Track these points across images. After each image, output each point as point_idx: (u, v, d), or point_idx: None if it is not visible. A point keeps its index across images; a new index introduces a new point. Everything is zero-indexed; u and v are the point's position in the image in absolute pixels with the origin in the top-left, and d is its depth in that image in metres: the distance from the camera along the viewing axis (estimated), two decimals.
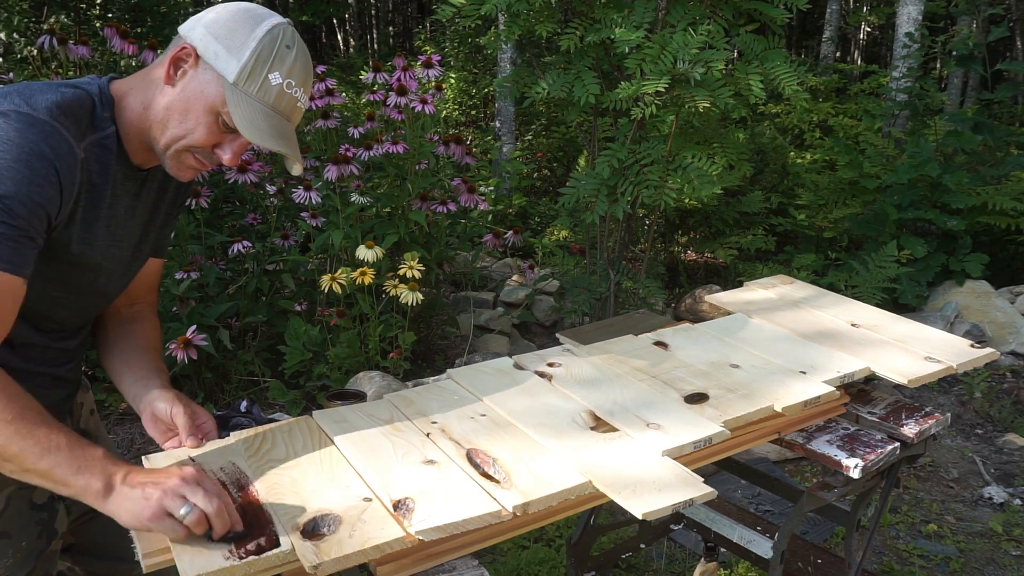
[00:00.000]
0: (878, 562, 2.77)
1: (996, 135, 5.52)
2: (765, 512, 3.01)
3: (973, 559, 2.83)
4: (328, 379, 3.43)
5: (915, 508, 3.14)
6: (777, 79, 3.18)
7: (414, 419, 1.50)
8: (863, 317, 2.06)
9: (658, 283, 4.10)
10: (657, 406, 1.56)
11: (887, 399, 1.85)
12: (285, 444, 1.40)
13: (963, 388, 4.10)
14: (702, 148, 3.87)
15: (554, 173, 7.90)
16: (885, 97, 6.94)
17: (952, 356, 1.85)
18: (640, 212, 3.88)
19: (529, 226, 6.27)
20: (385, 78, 3.75)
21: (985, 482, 3.34)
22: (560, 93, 3.33)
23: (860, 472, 1.62)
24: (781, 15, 3.32)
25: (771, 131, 7.03)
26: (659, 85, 3.01)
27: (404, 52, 4.11)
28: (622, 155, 3.39)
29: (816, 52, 11.39)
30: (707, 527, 2.08)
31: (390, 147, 3.57)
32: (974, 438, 3.74)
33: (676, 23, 3.30)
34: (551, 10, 3.58)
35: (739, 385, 1.66)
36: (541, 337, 4.51)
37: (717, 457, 1.56)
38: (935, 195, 5.17)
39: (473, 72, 9.20)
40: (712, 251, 5.82)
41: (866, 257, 4.86)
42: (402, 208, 3.64)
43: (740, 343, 1.88)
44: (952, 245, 5.13)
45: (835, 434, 1.72)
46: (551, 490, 1.27)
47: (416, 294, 3.24)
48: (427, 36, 10.53)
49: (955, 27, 7.91)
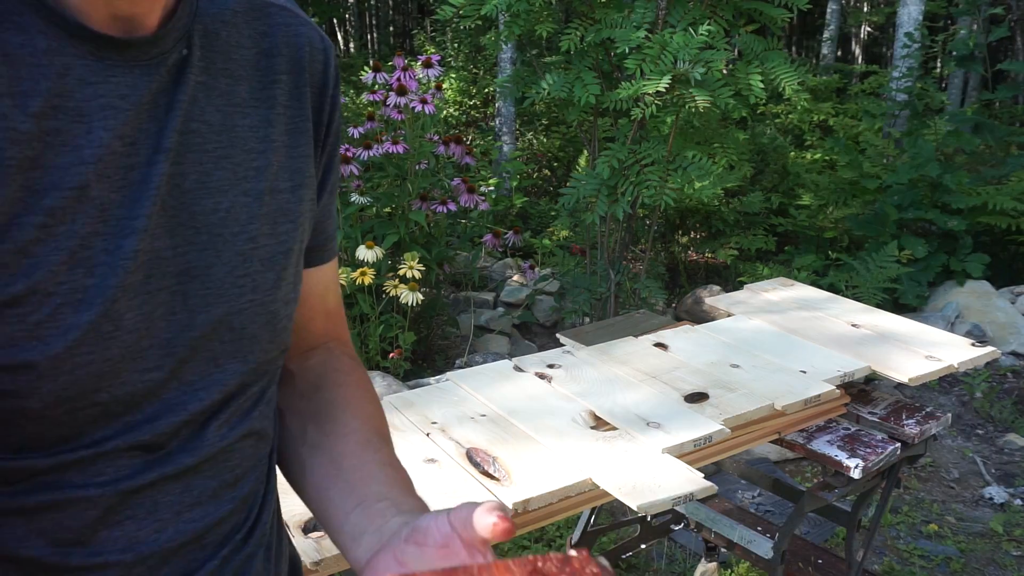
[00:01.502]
0: (879, 562, 2.76)
1: (996, 135, 5.52)
2: (766, 512, 3.01)
3: (974, 559, 2.83)
4: None
5: (916, 508, 3.13)
6: (777, 79, 3.18)
7: (414, 419, 1.49)
8: (863, 318, 2.06)
9: (658, 283, 4.10)
10: (657, 405, 1.56)
11: (888, 399, 1.85)
12: None
13: (964, 388, 4.10)
14: (702, 148, 3.87)
15: (554, 173, 7.90)
16: (885, 97, 6.94)
17: (953, 355, 1.85)
18: (640, 212, 3.88)
19: (529, 226, 6.26)
20: (385, 78, 3.75)
21: (986, 482, 3.34)
22: (560, 93, 3.33)
23: (861, 472, 1.62)
24: (781, 15, 3.32)
25: (771, 131, 7.03)
26: (659, 85, 3.01)
27: (404, 52, 4.11)
28: (622, 155, 3.39)
29: (816, 52, 11.39)
30: (708, 527, 2.08)
31: (390, 147, 3.57)
32: (975, 438, 3.73)
33: (676, 23, 3.30)
34: (551, 10, 3.58)
35: (739, 384, 1.66)
36: (541, 337, 4.51)
37: (718, 457, 1.55)
38: (936, 195, 5.17)
39: (473, 72, 9.20)
40: (712, 251, 5.81)
41: (867, 257, 4.85)
42: (402, 208, 3.64)
43: (740, 344, 1.88)
44: (953, 245, 5.13)
45: (836, 434, 1.72)
46: (551, 487, 1.27)
47: (416, 294, 3.24)
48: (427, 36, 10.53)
49: (955, 27, 7.91)
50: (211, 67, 0.64)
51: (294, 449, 0.76)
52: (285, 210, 0.69)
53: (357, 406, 0.77)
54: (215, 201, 0.64)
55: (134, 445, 0.61)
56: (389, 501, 0.66)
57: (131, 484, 0.62)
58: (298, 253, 0.71)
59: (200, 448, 0.65)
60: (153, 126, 0.60)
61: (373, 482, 0.69)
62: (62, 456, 0.59)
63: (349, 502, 0.68)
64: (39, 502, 0.59)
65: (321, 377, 0.79)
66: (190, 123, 0.62)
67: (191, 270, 0.62)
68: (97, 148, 0.57)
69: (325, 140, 0.74)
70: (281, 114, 0.69)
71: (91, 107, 0.57)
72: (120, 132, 0.58)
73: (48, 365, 0.55)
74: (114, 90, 0.58)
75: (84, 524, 0.60)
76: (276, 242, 0.68)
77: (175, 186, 0.61)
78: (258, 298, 0.66)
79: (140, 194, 0.59)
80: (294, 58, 0.70)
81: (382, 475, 0.70)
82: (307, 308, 0.79)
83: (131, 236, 0.58)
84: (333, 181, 0.77)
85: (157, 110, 0.60)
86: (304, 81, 0.71)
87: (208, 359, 0.64)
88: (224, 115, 0.65)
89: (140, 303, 0.59)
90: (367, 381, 0.81)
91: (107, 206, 0.57)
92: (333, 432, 0.74)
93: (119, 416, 0.60)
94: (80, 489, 0.60)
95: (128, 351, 0.59)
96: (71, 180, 0.55)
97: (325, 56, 0.73)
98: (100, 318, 0.57)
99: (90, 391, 0.58)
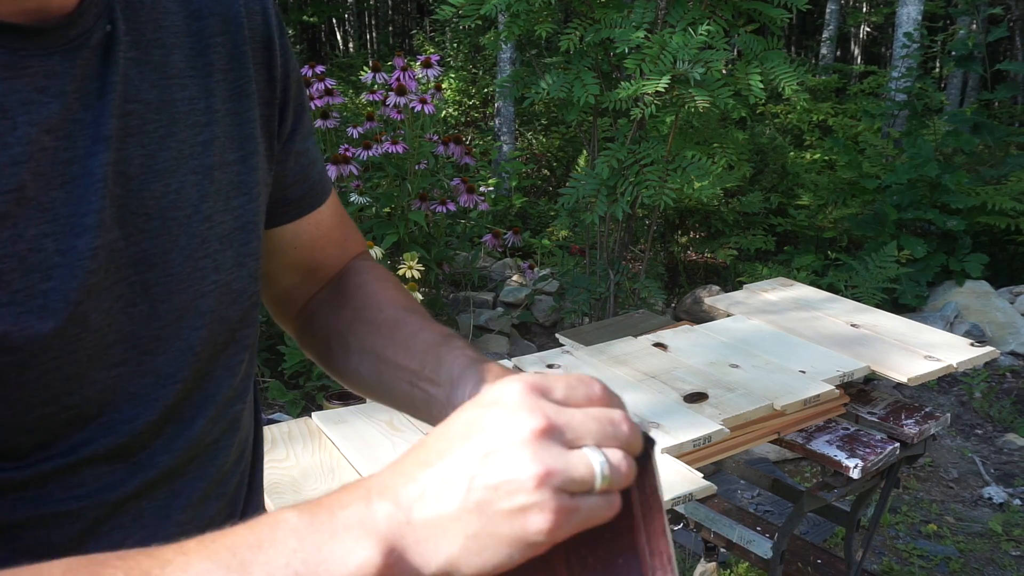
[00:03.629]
0: (878, 562, 2.76)
1: (996, 135, 5.52)
2: (765, 512, 3.01)
3: (973, 559, 2.83)
4: (328, 379, 3.43)
5: (915, 508, 3.14)
6: (777, 79, 3.18)
7: (413, 419, 1.50)
8: (863, 318, 2.06)
9: (658, 283, 4.10)
10: (657, 405, 1.56)
11: (887, 399, 1.85)
12: (285, 444, 1.40)
13: (963, 388, 4.10)
14: (702, 148, 3.87)
15: (554, 173, 7.90)
16: (885, 97, 6.94)
17: (952, 355, 1.85)
18: (640, 212, 3.88)
19: (529, 226, 6.26)
20: (384, 78, 3.75)
21: (985, 482, 3.34)
22: (560, 93, 3.33)
23: (860, 472, 1.62)
24: (781, 15, 3.32)
25: (771, 131, 7.03)
26: (659, 85, 3.01)
27: (403, 52, 4.11)
28: (622, 155, 3.39)
29: (815, 52, 11.39)
30: (707, 527, 2.08)
31: (389, 147, 3.57)
32: (974, 438, 3.73)
33: (676, 23, 3.30)
34: (551, 10, 3.58)
35: (738, 384, 1.66)
36: (541, 337, 4.51)
37: (717, 457, 1.56)
38: (935, 195, 5.17)
39: (473, 72, 9.20)
40: (712, 251, 5.82)
41: (866, 257, 4.86)
42: (401, 208, 3.64)
43: (739, 344, 1.88)
44: (952, 245, 5.13)
45: (835, 434, 1.72)
46: None
47: (416, 294, 3.24)
48: (427, 36, 10.53)
49: (954, 27, 7.91)
50: (140, 40, 0.59)
51: (345, 361, 0.77)
52: (237, 183, 0.65)
53: (379, 294, 0.78)
54: (164, 184, 0.60)
55: (113, 449, 0.58)
56: (440, 354, 0.68)
57: (115, 495, 0.59)
58: (258, 225, 0.68)
59: (180, 447, 0.62)
60: (87, 115, 0.56)
61: (413, 360, 0.70)
62: (39, 467, 0.56)
63: (403, 371, 0.70)
64: (19, 519, 0.56)
65: (348, 284, 0.81)
66: (127, 104, 0.58)
67: (147, 259, 0.59)
68: (27, 146, 0.52)
69: (285, 92, 0.70)
70: (220, 80, 0.64)
71: (11, 102, 0.52)
72: (47, 126, 0.53)
73: (15, 375, 0.53)
74: (32, 82, 0.53)
75: (70, 538, 0.58)
76: (232, 218, 0.65)
77: (119, 173, 0.57)
78: (221, 278, 0.64)
79: (85, 189, 0.55)
80: (227, 16, 0.65)
81: (427, 340, 0.70)
82: (318, 251, 0.79)
83: (85, 234, 0.54)
84: (307, 124, 0.74)
85: (88, 96, 0.56)
86: (242, 39, 0.66)
87: (180, 347, 0.62)
88: (160, 90, 0.60)
89: (106, 300, 0.57)
90: (386, 272, 0.83)
91: (49, 205, 0.53)
92: (369, 331, 0.75)
93: (93, 418, 0.58)
94: (61, 503, 0.57)
95: (95, 350, 0.56)
96: (5, 182, 0.51)
97: (263, 5, 0.68)
98: (66, 322, 0.54)
99: (61, 394, 0.55)
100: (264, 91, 0.68)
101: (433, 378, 0.67)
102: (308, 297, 0.83)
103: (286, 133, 0.72)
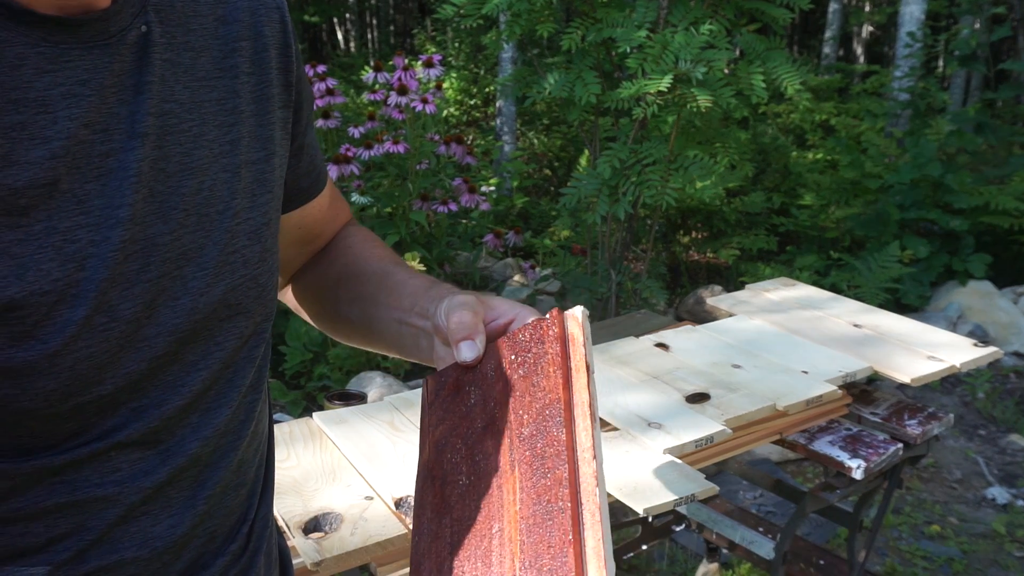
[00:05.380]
0: (881, 563, 2.76)
1: (999, 135, 5.51)
2: (767, 513, 3.00)
3: (976, 560, 2.82)
4: (329, 380, 3.43)
5: (918, 509, 3.13)
6: (779, 79, 3.17)
7: (414, 419, 1.49)
8: (865, 318, 2.05)
9: (660, 283, 4.09)
10: (659, 406, 1.55)
11: (889, 400, 1.84)
12: (286, 445, 1.40)
13: (966, 389, 4.10)
14: (704, 148, 3.87)
15: (555, 173, 7.89)
16: (887, 97, 6.93)
17: (955, 355, 1.84)
18: (642, 212, 3.87)
19: (530, 226, 6.26)
20: (386, 77, 3.75)
21: (988, 483, 3.33)
22: (561, 93, 3.32)
23: (862, 473, 1.61)
24: (783, 15, 3.31)
25: (773, 131, 7.03)
26: (661, 85, 3.01)
27: (405, 51, 4.11)
28: (623, 155, 3.38)
29: (818, 51, 11.38)
30: (709, 528, 2.08)
31: (391, 147, 3.56)
32: (977, 439, 3.73)
33: (678, 23, 3.29)
34: (552, 10, 3.58)
35: (741, 385, 1.65)
36: None
37: (719, 457, 1.55)
38: (938, 195, 5.16)
39: (474, 71, 9.20)
40: (714, 251, 5.81)
41: (868, 257, 4.85)
42: (403, 208, 3.64)
43: (742, 344, 1.87)
44: (955, 245, 5.12)
45: (837, 435, 1.71)
46: None
47: None
48: (428, 35, 10.53)
49: (957, 26, 7.90)
50: (173, 42, 0.62)
51: (335, 310, 0.85)
52: (261, 181, 0.69)
53: (367, 249, 0.86)
54: (198, 181, 0.63)
55: (145, 434, 0.61)
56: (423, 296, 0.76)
57: (149, 481, 0.62)
58: (277, 221, 0.72)
59: (206, 435, 0.65)
60: (123, 110, 0.58)
61: (403, 300, 0.77)
62: (75, 452, 0.58)
63: (393, 312, 0.78)
64: (59, 503, 0.58)
65: (337, 245, 0.89)
66: (164, 104, 0.60)
67: (186, 253, 0.62)
68: (65, 140, 0.54)
69: (299, 95, 0.74)
70: (245, 83, 0.67)
71: (52, 96, 0.54)
72: (86, 119, 0.55)
73: (47, 364, 0.54)
74: (74, 75, 0.55)
75: (108, 523, 0.60)
76: (258, 214, 0.68)
77: (160, 170, 0.60)
78: (249, 272, 0.67)
79: (120, 182, 0.57)
80: (251, 23, 0.69)
81: (407, 290, 0.78)
82: (316, 228, 0.86)
83: (117, 227, 0.57)
84: (308, 113, 0.78)
85: (124, 92, 0.58)
86: (263, 45, 0.69)
87: (207, 337, 0.65)
88: (192, 91, 0.63)
89: (140, 292, 0.58)
90: (369, 233, 0.91)
91: (85, 197, 0.55)
92: (359, 281, 0.83)
93: (125, 403, 0.60)
94: (99, 488, 0.59)
95: (127, 340, 0.58)
96: (41, 176, 0.53)
97: (280, 14, 0.72)
98: (92, 312, 0.56)
99: (93, 382, 0.57)
100: (282, 94, 0.71)
101: (423, 312, 0.75)
102: (301, 265, 0.89)
103: (300, 133, 0.76)
